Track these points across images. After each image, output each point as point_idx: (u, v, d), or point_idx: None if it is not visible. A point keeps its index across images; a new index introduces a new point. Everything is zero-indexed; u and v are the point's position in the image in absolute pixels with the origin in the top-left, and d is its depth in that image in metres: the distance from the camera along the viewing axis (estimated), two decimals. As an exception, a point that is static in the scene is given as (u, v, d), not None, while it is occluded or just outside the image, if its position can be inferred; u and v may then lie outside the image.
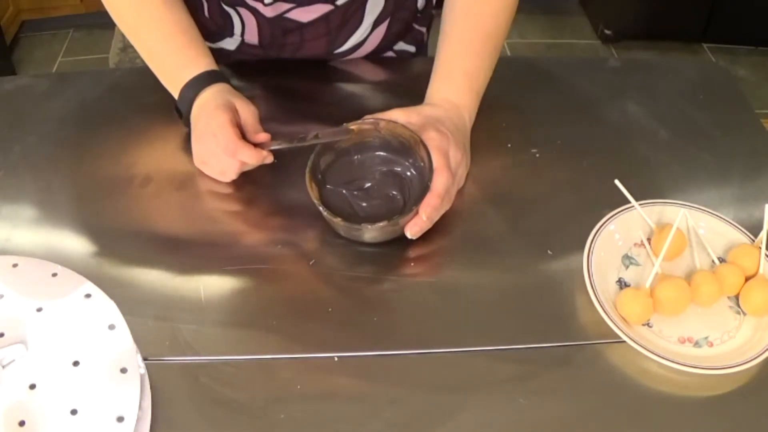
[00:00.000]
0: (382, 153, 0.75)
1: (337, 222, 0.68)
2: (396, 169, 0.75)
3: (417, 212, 0.69)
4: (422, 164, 0.71)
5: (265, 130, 0.75)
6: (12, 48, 2.60)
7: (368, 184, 0.74)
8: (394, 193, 0.73)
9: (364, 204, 0.73)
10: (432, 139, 0.71)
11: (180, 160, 0.81)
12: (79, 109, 0.87)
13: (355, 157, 0.75)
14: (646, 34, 2.72)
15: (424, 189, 0.69)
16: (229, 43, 0.92)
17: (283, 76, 0.92)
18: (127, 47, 1.09)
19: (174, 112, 0.80)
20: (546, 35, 2.80)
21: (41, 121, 0.85)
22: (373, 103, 0.88)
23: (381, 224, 0.67)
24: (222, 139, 0.72)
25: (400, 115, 0.74)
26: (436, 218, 0.71)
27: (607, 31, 2.73)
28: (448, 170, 0.70)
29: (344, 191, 0.73)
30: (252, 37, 0.90)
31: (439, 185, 0.69)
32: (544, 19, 2.86)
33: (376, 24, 0.92)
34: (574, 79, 0.95)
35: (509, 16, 0.82)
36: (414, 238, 0.70)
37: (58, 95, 0.89)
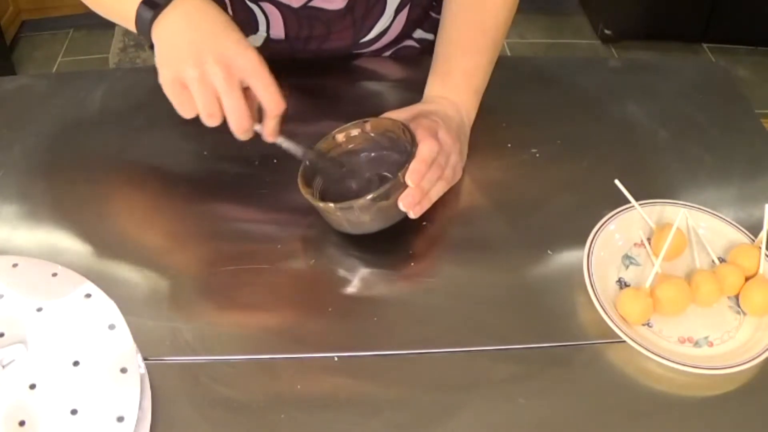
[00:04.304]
0: (373, 154, 0.75)
1: (330, 207, 0.67)
2: (390, 165, 0.75)
3: (406, 184, 0.67)
4: (409, 145, 0.70)
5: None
6: (12, 48, 2.60)
7: (363, 185, 0.74)
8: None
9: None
10: (418, 121, 0.71)
11: (180, 161, 0.81)
12: (79, 109, 0.87)
13: (348, 163, 0.75)
14: (646, 34, 2.73)
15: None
16: (254, 41, 0.91)
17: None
18: (127, 47, 1.09)
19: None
20: (546, 35, 2.81)
21: (41, 121, 0.85)
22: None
23: (369, 197, 0.65)
24: (250, 55, 0.64)
25: (391, 116, 0.74)
26: (432, 192, 0.70)
27: (607, 31, 2.73)
28: (433, 139, 0.69)
29: (341, 191, 0.73)
30: (278, 31, 0.89)
31: (424, 152, 0.68)
32: (544, 19, 2.86)
33: (397, 11, 0.92)
34: (574, 79, 0.95)
35: (509, 14, 0.82)
36: (412, 212, 0.68)
37: (58, 95, 0.89)
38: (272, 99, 0.66)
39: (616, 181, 0.72)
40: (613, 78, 0.98)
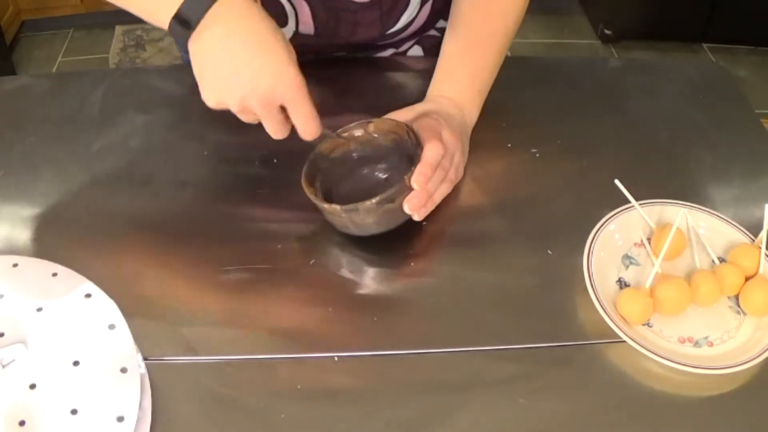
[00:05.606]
0: (375, 154, 0.75)
1: (336, 209, 0.67)
2: (393, 166, 0.75)
3: (411, 187, 0.67)
4: (413, 147, 0.70)
5: None
6: (12, 48, 2.61)
7: (366, 186, 0.74)
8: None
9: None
10: (421, 122, 0.71)
11: (180, 160, 0.81)
12: (79, 109, 0.87)
13: (350, 163, 0.75)
14: (646, 34, 2.73)
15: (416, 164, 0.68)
16: None
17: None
18: (127, 47, 1.09)
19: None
20: (546, 35, 2.81)
21: (41, 121, 0.85)
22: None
23: (375, 200, 0.65)
24: (288, 80, 0.64)
25: (394, 116, 0.74)
26: (436, 194, 0.71)
27: (607, 31, 2.73)
28: (438, 142, 0.69)
29: (343, 192, 0.73)
30: (307, 27, 0.89)
31: (429, 155, 0.68)
32: (544, 19, 2.86)
33: (423, 2, 0.92)
34: (574, 79, 0.95)
35: (518, 17, 0.83)
36: (416, 215, 0.68)
37: (58, 95, 0.89)
38: (306, 127, 0.67)
39: (616, 181, 0.72)
40: (613, 78, 0.98)
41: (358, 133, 0.74)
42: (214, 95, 0.65)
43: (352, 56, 0.96)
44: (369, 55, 0.97)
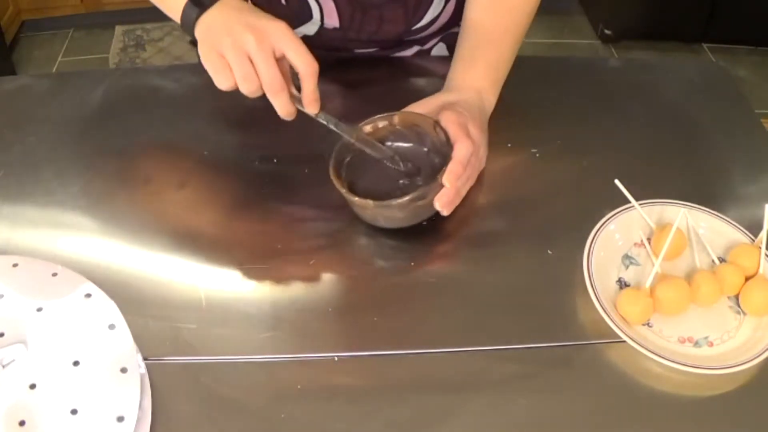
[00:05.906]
0: (399, 146, 0.75)
1: (367, 203, 0.68)
2: (418, 158, 0.75)
3: (442, 184, 0.68)
4: (441, 142, 0.71)
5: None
6: (12, 48, 2.61)
7: (390, 178, 0.74)
8: (419, 183, 0.72)
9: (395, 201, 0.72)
10: (448, 117, 0.72)
11: (180, 160, 0.81)
12: (79, 109, 0.87)
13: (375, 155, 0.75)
14: (646, 34, 2.73)
15: (447, 162, 0.69)
16: (309, 28, 0.92)
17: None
18: (127, 47, 1.09)
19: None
20: (546, 35, 2.81)
21: (41, 121, 0.85)
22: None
23: (408, 197, 0.67)
24: (281, 24, 0.69)
25: (415, 108, 0.75)
26: (463, 190, 0.72)
27: (607, 31, 2.73)
28: (468, 139, 0.70)
29: (368, 184, 0.73)
30: (332, 20, 0.90)
31: (460, 153, 0.69)
32: (544, 19, 2.86)
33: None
34: (574, 79, 0.95)
35: (530, 13, 0.84)
36: (445, 211, 0.69)
37: (58, 95, 0.89)
38: (304, 59, 0.69)
39: (616, 181, 0.72)
40: (613, 78, 0.98)
41: (382, 124, 0.74)
42: (210, 40, 0.70)
43: (375, 56, 0.96)
44: (392, 54, 0.98)
